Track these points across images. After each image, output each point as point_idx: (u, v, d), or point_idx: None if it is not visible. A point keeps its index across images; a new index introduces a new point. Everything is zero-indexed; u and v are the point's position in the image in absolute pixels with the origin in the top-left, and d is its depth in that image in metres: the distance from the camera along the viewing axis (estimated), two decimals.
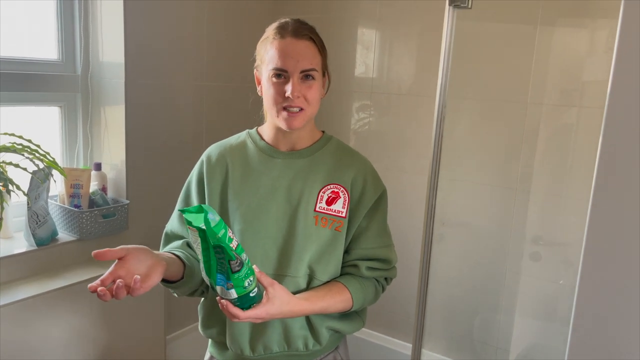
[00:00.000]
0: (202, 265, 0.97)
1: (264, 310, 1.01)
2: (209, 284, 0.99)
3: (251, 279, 0.98)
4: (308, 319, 1.17)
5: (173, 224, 1.25)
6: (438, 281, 2.07)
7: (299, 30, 1.10)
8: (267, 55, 1.12)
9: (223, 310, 0.98)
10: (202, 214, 0.94)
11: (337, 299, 1.14)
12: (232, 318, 1.00)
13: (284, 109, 1.11)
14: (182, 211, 0.95)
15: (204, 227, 0.92)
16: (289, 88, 1.09)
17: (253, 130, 1.25)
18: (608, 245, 0.75)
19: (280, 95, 1.10)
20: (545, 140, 1.90)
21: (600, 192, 0.74)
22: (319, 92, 1.13)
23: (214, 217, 0.93)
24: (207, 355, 1.29)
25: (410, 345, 1.89)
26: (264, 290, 1.02)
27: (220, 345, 1.23)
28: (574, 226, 1.86)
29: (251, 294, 0.99)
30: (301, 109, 1.11)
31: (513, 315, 2.04)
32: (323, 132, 1.25)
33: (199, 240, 0.94)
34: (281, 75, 1.10)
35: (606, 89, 0.74)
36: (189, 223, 0.93)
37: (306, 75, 1.10)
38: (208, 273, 0.97)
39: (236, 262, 0.94)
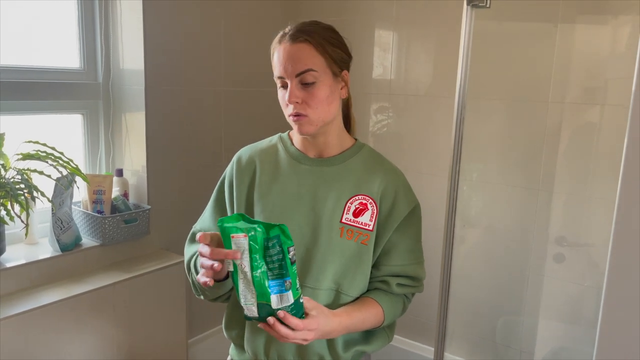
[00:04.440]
0: (251, 281, 0.91)
1: (314, 320, 0.97)
2: (255, 306, 0.92)
3: (297, 279, 0.94)
4: (330, 340, 1.12)
5: (204, 223, 1.23)
6: (460, 283, 2.05)
7: (296, 34, 1.08)
8: (273, 62, 1.12)
9: (276, 328, 0.92)
10: (242, 219, 0.91)
11: (371, 313, 1.11)
12: (286, 336, 0.93)
13: (290, 115, 1.09)
14: (221, 222, 0.92)
15: (254, 226, 0.89)
16: (286, 95, 1.07)
17: (285, 134, 1.23)
18: (635, 246, 0.73)
19: (285, 104, 1.10)
20: (568, 140, 1.87)
21: (626, 191, 0.73)
22: (323, 94, 1.08)
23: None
24: (228, 358, 1.29)
25: (433, 349, 1.87)
26: None
27: (240, 347, 1.22)
28: (599, 227, 1.83)
29: (301, 300, 0.94)
30: (304, 115, 1.08)
31: (537, 318, 2.00)
32: (356, 139, 1.22)
33: (247, 246, 0.90)
34: (284, 82, 1.09)
35: (630, 86, 0.72)
36: (235, 230, 0.89)
37: (305, 79, 1.06)
38: (260, 284, 0.91)
39: (294, 249, 0.91)
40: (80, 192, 1.82)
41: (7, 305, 1.49)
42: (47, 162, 1.61)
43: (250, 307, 0.94)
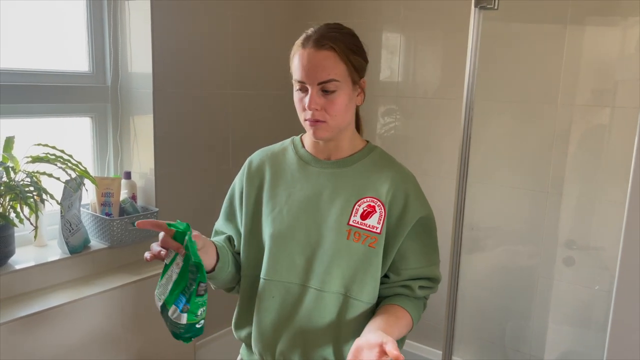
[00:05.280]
0: (172, 281, 0.99)
1: (358, 348, 0.95)
2: (161, 302, 1.00)
3: (204, 309, 1.00)
4: (338, 347, 1.11)
5: (219, 222, 1.27)
6: (468, 287, 2.04)
7: (320, 39, 1.06)
8: (292, 64, 1.11)
9: None
10: (189, 232, 0.98)
11: (403, 324, 1.10)
12: None
13: (307, 120, 1.09)
14: (170, 225, 1.00)
15: (193, 247, 0.96)
16: (306, 100, 1.07)
17: (297, 137, 1.24)
18: None
19: (302, 108, 1.09)
20: (578, 142, 1.86)
21: (636, 194, 0.72)
22: (343, 103, 1.08)
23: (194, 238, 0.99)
24: (239, 358, 1.29)
25: (440, 352, 1.86)
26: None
27: (250, 348, 1.22)
28: (609, 230, 1.81)
29: (197, 325, 1.00)
30: (322, 121, 1.08)
31: (546, 322, 1.99)
32: (367, 141, 1.21)
33: (185, 254, 0.97)
34: (303, 87, 1.08)
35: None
36: (183, 235, 0.98)
37: (327, 87, 1.06)
38: (174, 289, 0.99)
39: (205, 286, 0.97)
40: (89, 194, 1.83)
41: (16, 307, 1.50)
42: (56, 164, 1.62)
43: (157, 300, 1.02)
